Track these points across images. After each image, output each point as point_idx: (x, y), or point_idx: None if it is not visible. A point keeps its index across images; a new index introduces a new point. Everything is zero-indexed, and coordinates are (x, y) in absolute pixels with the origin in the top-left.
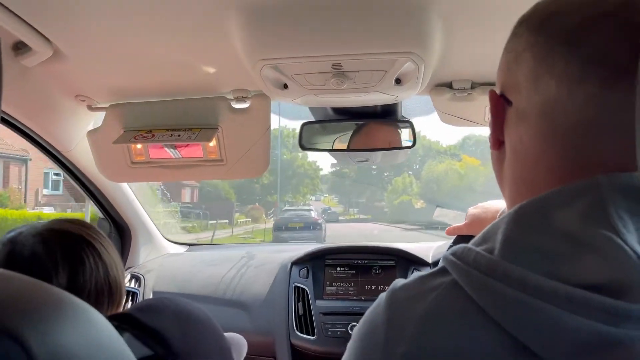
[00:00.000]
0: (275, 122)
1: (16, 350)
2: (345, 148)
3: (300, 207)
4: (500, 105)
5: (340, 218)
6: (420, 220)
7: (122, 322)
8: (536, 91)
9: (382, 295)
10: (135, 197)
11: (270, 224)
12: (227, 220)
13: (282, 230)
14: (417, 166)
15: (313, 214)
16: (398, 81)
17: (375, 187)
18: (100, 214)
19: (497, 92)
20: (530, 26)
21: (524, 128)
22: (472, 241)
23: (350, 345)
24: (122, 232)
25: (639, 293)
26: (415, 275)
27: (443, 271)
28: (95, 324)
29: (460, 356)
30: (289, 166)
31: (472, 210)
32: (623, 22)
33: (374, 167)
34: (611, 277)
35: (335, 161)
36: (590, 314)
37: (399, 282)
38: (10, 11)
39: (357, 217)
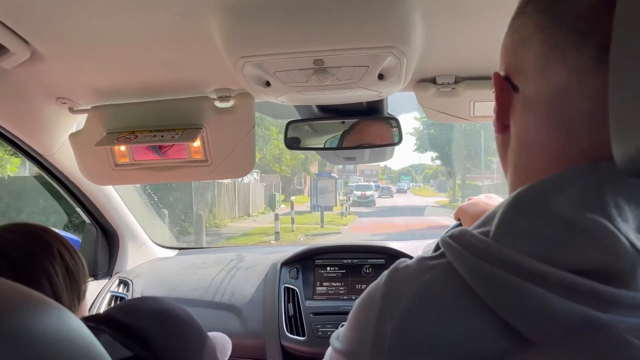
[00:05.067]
0: None
1: None
2: (331, 146)
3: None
4: (505, 89)
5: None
6: None
7: (99, 323)
8: (545, 80)
9: (385, 272)
10: (122, 201)
11: None
12: None
13: None
14: None
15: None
16: (381, 77)
17: None
18: (86, 219)
19: (502, 73)
20: (538, 7)
21: (531, 117)
22: (473, 225)
23: (350, 316)
24: (109, 237)
25: (629, 280)
26: (418, 256)
27: (442, 254)
28: (66, 324)
29: (448, 336)
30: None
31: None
32: None
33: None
34: (603, 263)
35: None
36: (580, 299)
37: (403, 261)
38: None
39: None
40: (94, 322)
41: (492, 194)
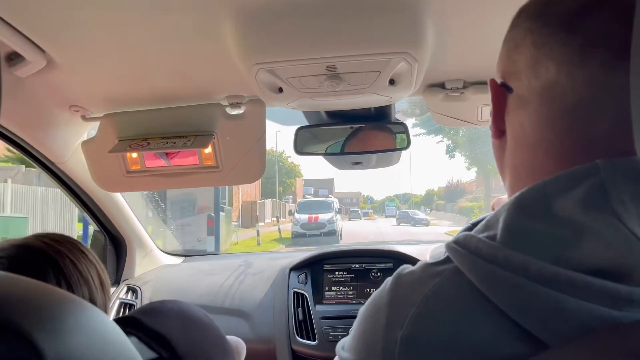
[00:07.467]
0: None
1: (25, 350)
2: (340, 152)
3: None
4: (500, 93)
5: None
6: None
7: (126, 326)
8: (536, 76)
9: (389, 279)
10: (130, 209)
11: None
12: None
13: None
14: None
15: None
16: (392, 82)
17: None
18: (95, 227)
19: (498, 81)
20: (528, 14)
21: (525, 113)
22: (475, 229)
23: (355, 325)
24: (117, 244)
25: None
26: (421, 262)
27: (447, 259)
28: (103, 326)
29: (460, 341)
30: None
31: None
32: (620, 5)
33: None
34: (613, 261)
35: None
36: (592, 298)
37: (406, 267)
38: (4, 21)
39: None
40: (121, 324)
41: None
